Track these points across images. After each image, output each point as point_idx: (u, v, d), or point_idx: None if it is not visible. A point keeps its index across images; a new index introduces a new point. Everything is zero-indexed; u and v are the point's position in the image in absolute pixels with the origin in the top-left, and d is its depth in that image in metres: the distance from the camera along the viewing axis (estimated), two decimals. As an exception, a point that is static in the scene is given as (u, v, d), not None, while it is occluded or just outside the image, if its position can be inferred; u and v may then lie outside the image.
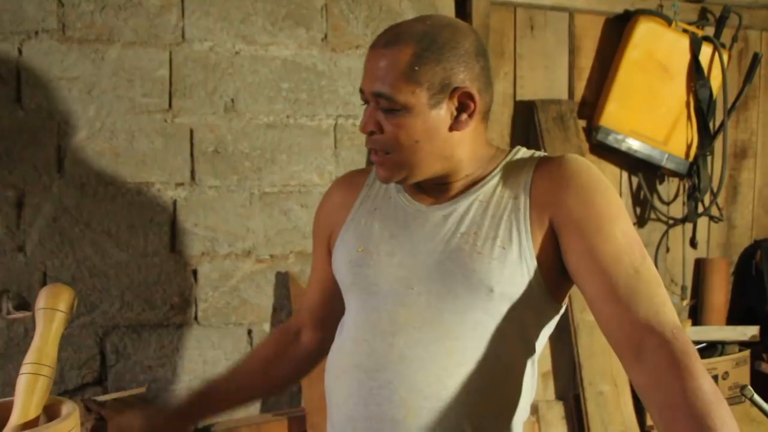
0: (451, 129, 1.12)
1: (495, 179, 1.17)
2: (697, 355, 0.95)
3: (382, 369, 1.11)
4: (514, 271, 1.09)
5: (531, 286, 1.11)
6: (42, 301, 1.16)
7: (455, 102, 1.10)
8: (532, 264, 1.10)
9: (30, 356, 1.11)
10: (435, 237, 1.15)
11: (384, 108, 1.09)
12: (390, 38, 1.09)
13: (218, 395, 1.35)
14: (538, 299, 1.12)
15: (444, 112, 1.10)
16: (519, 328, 1.13)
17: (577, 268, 1.08)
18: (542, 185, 1.13)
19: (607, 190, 1.11)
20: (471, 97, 1.10)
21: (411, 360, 1.10)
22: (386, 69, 1.08)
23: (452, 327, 1.10)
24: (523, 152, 1.21)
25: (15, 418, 1.06)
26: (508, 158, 1.20)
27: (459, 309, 1.10)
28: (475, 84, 1.11)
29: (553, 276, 1.12)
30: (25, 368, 1.10)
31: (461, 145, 1.14)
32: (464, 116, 1.11)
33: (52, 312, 1.15)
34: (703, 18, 2.77)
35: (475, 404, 1.10)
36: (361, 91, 1.13)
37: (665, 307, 1.01)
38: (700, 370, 0.92)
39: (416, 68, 1.06)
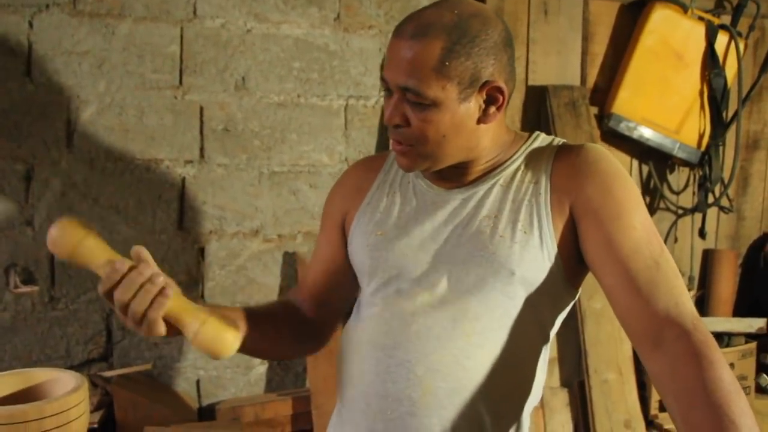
0: (479, 122, 1.10)
1: (516, 164, 1.16)
2: (716, 346, 0.94)
3: (400, 347, 1.10)
4: (535, 255, 1.09)
5: (551, 271, 1.10)
6: (70, 237, 0.96)
7: (483, 95, 1.08)
8: (553, 249, 1.09)
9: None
10: (455, 220, 1.14)
11: (411, 101, 1.07)
12: (418, 29, 1.05)
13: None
14: (557, 285, 1.12)
15: (473, 106, 1.08)
16: (536, 312, 1.13)
17: (595, 257, 1.07)
18: (562, 172, 1.12)
19: (627, 180, 1.10)
20: (500, 90, 1.09)
21: (429, 339, 1.09)
22: (415, 63, 1.04)
23: (472, 308, 1.09)
24: (542, 138, 1.21)
25: (192, 322, 0.97)
26: (528, 143, 1.19)
27: (479, 291, 1.09)
28: (503, 75, 1.09)
29: (572, 263, 1.12)
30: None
31: (486, 135, 1.13)
32: (492, 109, 1.10)
33: (92, 236, 0.98)
34: (719, 6, 2.74)
35: (491, 387, 1.10)
36: (383, 79, 1.11)
37: (684, 297, 1.01)
38: (721, 360, 0.92)
39: (447, 63, 1.03)
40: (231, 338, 0.98)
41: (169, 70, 2.21)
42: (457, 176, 1.18)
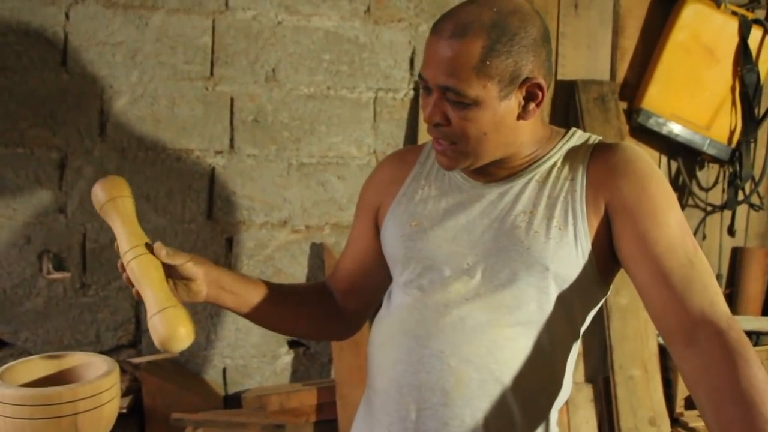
0: (518, 118, 1.10)
1: (552, 160, 1.16)
2: (751, 345, 0.95)
3: (434, 337, 1.12)
4: (569, 252, 1.09)
5: (584, 268, 1.11)
6: (102, 195, 1.13)
7: (523, 92, 1.08)
8: (587, 246, 1.10)
9: (124, 245, 1.09)
10: (491, 214, 1.15)
11: (452, 101, 1.07)
12: (457, 28, 1.04)
13: (245, 284, 1.24)
14: (589, 281, 1.12)
15: (513, 103, 1.08)
16: (568, 308, 1.13)
17: (629, 254, 1.07)
18: (598, 170, 1.13)
19: (662, 180, 1.11)
20: (539, 86, 1.08)
21: (463, 331, 1.10)
22: (455, 62, 1.04)
23: (505, 302, 1.10)
24: (579, 135, 1.20)
25: (153, 305, 1.03)
26: (565, 140, 1.19)
27: (513, 285, 1.10)
28: (541, 71, 1.09)
29: (605, 260, 1.12)
30: (127, 257, 1.07)
31: (525, 131, 1.14)
32: (532, 105, 1.10)
33: (121, 200, 1.13)
34: (753, 0, 2.70)
35: (522, 379, 1.11)
36: (421, 77, 1.10)
37: (719, 297, 1.01)
38: (755, 359, 0.92)
39: (487, 62, 1.03)
40: (183, 333, 1.00)
41: (201, 62, 2.24)
42: (493, 171, 1.18)
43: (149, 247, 1.11)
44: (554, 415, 1.18)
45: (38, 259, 2.17)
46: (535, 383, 1.13)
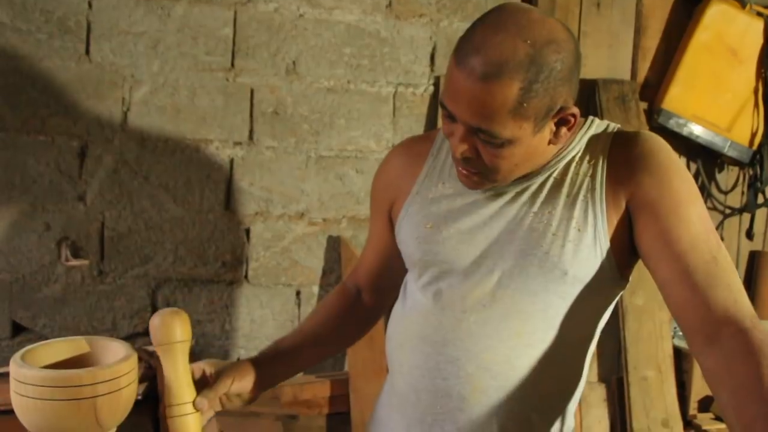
0: (549, 143, 1.07)
1: (571, 154, 1.12)
2: None
3: (450, 344, 1.11)
4: (588, 253, 1.07)
5: (602, 266, 1.08)
6: (158, 335, 1.13)
7: (556, 119, 1.03)
8: (606, 245, 1.07)
9: (170, 397, 1.13)
10: (508, 215, 1.12)
11: (483, 139, 1.02)
12: (490, 68, 0.95)
13: (287, 355, 1.27)
14: (608, 279, 1.10)
15: (546, 132, 1.04)
16: (587, 310, 1.12)
17: (651, 250, 1.05)
18: (619, 163, 1.09)
19: (684, 172, 1.07)
20: (573, 114, 1.04)
21: (480, 338, 1.09)
22: (490, 107, 0.97)
23: (523, 307, 1.09)
24: (597, 124, 1.16)
25: None
26: (584, 130, 1.14)
27: (531, 290, 1.08)
28: (572, 94, 1.04)
29: (624, 255, 1.10)
30: (172, 412, 1.13)
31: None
32: (564, 130, 1.05)
33: (170, 346, 1.14)
34: (779, 1, 2.68)
35: (540, 385, 1.10)
36: (444, 106, 1.04)
37: (743, 296, 0.99)
38: None
39: (524, 104, 0.97)
40: None
41: (222, 53, 2.24)
42: None
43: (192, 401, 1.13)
44: (570, 412, 1.17)
45: (57, 246, 2.19)
46: (553, 386, 1.12)
